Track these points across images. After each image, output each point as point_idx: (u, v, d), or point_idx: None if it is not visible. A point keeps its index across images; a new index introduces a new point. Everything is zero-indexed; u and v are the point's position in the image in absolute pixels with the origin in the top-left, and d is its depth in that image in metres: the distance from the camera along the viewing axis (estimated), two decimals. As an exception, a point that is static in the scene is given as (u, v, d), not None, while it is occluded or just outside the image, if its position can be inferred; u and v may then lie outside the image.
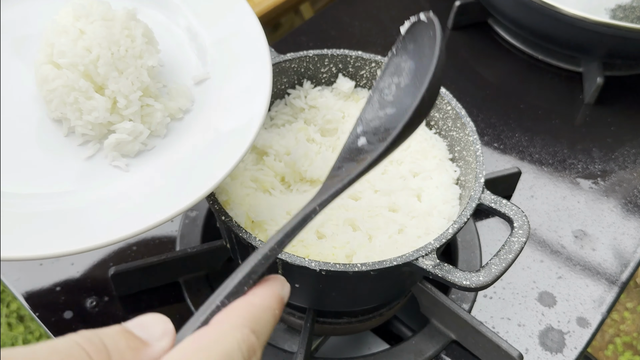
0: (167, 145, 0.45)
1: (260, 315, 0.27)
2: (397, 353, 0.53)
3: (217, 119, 0.46)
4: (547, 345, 0.55)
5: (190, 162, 0.43)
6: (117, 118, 0.44)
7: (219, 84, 0.48)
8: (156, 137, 0.45)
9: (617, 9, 0.73)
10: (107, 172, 0.43)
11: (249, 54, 0.49)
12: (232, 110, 0.46)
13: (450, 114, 0.54)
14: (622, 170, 0.71)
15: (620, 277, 0.61)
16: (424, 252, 0.43)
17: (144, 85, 0.45)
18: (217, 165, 0.42)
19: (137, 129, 0.44)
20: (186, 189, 0.41)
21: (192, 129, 0.46)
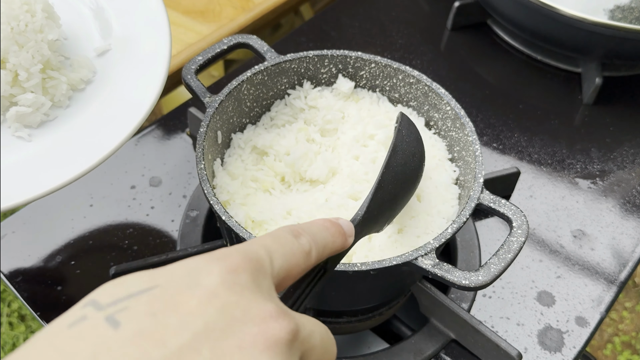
0: (70, 115, 0.47)
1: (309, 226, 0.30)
2: (397, 352, 0.53)
3: (118, 88, 0.48)
4: (546, 344, 0.56)
5: (91, 130, 0.46)
6: (19, 90, 0.46)
7: (121, 55, 0.51)
8: (58, 108, 0.48)
9: (616, 10, 0.73)
10: (10, 142, 0.45)
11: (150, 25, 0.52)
12: (132, 80, 0.49)
13: (450, 114, 0.54)
14: (620, 170, 0.71)
15: (618, 277, 0.61)
16: (423, 252, 0.43)
17: (45, 58, 0.47)
18: (115, 132, 0.45)
19: (39, 101, 0.46)
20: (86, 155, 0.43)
21: (94, 99, 0.48)
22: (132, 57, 0.50)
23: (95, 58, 0.51)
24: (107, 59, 0.51)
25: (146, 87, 0.47)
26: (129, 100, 0.47)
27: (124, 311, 0.21)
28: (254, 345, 0.21)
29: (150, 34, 0.51)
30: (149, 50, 0.50)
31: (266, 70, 0.56)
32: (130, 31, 0.52)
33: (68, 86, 0.48)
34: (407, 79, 0.57)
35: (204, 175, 0.47)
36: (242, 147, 0.55)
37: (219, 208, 0.45)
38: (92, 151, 0.43)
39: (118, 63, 0.50)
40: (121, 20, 0.52)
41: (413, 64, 0.81)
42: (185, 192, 0.65)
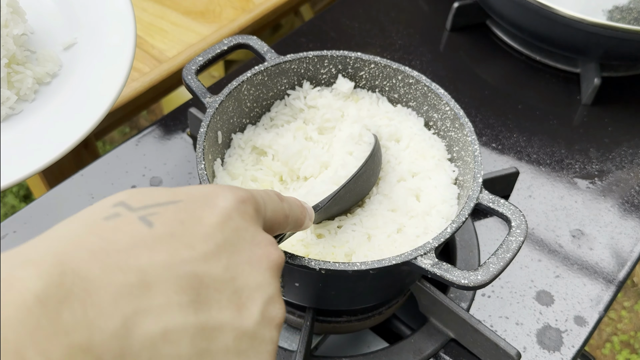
0: (35, 109, 0.48)
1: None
2: (396, 351, 0.54)
3: (83, 81, 0.49)
4: (545, 343, 0.56)
5: (55, 123, 0.46)
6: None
7: (86, 48, 0.52)
8: (24, 102, 0.48)
9: (614, 10, 0.73)
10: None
11: (114, 18, 0.52)
12: (98, 71, 0.49)
13: (449, 114, 0.54)
14: (619, 170, 0.71)
15: (617, 276, 0.61)
16: (422, 251, 0.43)
17: (10, 52, 0.47)
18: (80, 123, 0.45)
19: (4, 95, 0.47)
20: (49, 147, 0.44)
21: (60, 91, 0.49)
22: (98, 51, 0.51)
23: (61, 52, 0.51)
24: (72, 52, 0.51)
25: (110, 80, 0.48)
26: (94, 92, 0.47)
27: (155, 215, 0.24)
28: (260, 262, 0.27)
29: (116, 27, 0.51)
30: (114, 44, 0.51)
31: (266, 70, 0.56)
32: (96, 25, 0.52)
33: (34, 80, 0.48)
34: (406, 79, 0.57)
35: (205, 175, 0.47)
36: (242, 147, 0.55)
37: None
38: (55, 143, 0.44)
39: (84, 56, 0.51)
40: (87, 14, 0.53)
41: (412, 65, 0.81)
42: (185, 192, 0.65)
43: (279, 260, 0.28)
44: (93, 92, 0.47)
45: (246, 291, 0.25)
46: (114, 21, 0.52)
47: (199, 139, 0.49)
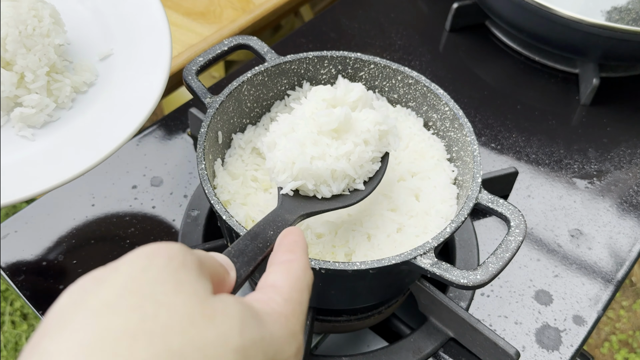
0: (72, 116, 0.49)
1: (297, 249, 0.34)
2: (396, 350, 0.54)
3: (120, 91, 0.50)
4: (544, 342, 0.56)
5: (92, 131, 0.47)
6: (24, 92, 0.48)
7: (122, 58, 0.52)
8: (62, 109, 0.49)
9: (613, 11, 0.74)
10: (14, 141, 0.47)
11: (150, 30, 0.53)
12: (134, 83, 0.50)
13: (448, 114, 0.55)
14: (617, 170, 0.72)
15: (615, 276, 0.62)
16: (422, 251, 0.43)
17: (51, 61, 0.48)
18: (115, 133, 0.46)
19: (43, 102, 0.48)
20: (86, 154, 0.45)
21: (96, 101, 0.50)
22: (134, 61, 0.51)
23: (98, 62, 0.52)
24: (109, 63, 0.52)
25: (147, 90, 0.49)
26: (130, 102, 0.48)
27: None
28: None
29: (151, 38, 0.52)
30: (150, 55, 0.51)
31: (266, 71, 0.56)
32: (131, 36, 0.53)
33: (71, 88, 0.49)
34: (406, 79, 0.57)
35: (205, 175, 0.47)
36: (243, 147, 0.55)
37: (220, 208, 0.45)
38: (92, 151, 0.45)
39: (120, 67, 0.52)
40: (123, 25, 0.54)
41: (412, 65, 0.82)
42: (186, 192, 0.65)
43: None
44: (129, 103, 0.48)
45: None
46: (150, 32, 0.53)
47: (200, 139, 0.49)
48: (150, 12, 0.54)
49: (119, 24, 0.54)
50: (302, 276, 0.31)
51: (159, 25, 0.53)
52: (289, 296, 0.29)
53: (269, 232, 0.39)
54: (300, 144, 0.45)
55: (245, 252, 0.35)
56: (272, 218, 0.41)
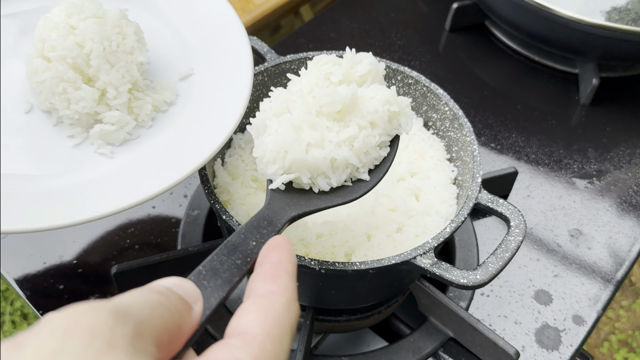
0: (152, 135, 0.48)
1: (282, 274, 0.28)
2: (396, 350, 0.54)
3: (199, 111, 0.49)
4: (544, 342, 0.56)
5: (171, 151, 0.46)
6: (104, 108, 0.47)
7: (202, 78, 0.52)
8: (142, 128, 0.49)
9: (612, 11, 0.74)
10: (93, 158, 0.46)
11: (231, 50, 0.52)
12: (214, 103, 0.49)
13: (448, 114, 0.55)
14: (617, 170, 0.72)
15: (615, 276, 0.62)
16: (422, 251, 0.44)
17: (134, 79, 0.48)
18: (195, 153, 0.45)
19: (124, 120, 0.47)
20: (165, 174, 0.44)
21: (176, 120, 0.49)
22: (214, 81, 0.51)
23: (178, 82, 0.52)
24: (189, 82, 0.52)
25: (226, 112, 0.48)
26: (210, 124, 0.47)
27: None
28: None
29: (232, 58, 0.52)
30: (231, 75, 0.51)
31: (266, 71, 0.56)
32: (212, 56, 0.53)
33: (152, 107, 0.49)
34: (405, 79, 0.57)
35: (205, 175, 0.48)
36: (243, 147, 0.55)
37: (220, 208, 0.46)
38: (170, 170, 0.44)
39: (200, 86, 0.51)
40: (203, 45, 0.54)
41: (412, 65, 0.82)
42: (186, 192, 0.65)
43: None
44: (209, 124, 0.47)
45: None
46: (231, 52, 0.52)
47: (200, 139, 0.49)
48: (231, 32, 0.53)
49: (200, 43, 0.54)
50: (283, 317, 0.26)
51: (239, 47, 0.52)
52: (261, 351, 0.24)
53: (250, 243, 0.32)
54: (295, 128, 0.39)
55: (219, 272, 0.30)
56: (255, 223, 0.34)
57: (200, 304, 0.27)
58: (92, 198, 0.42)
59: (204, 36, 0.54)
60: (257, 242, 0.33)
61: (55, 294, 0.57)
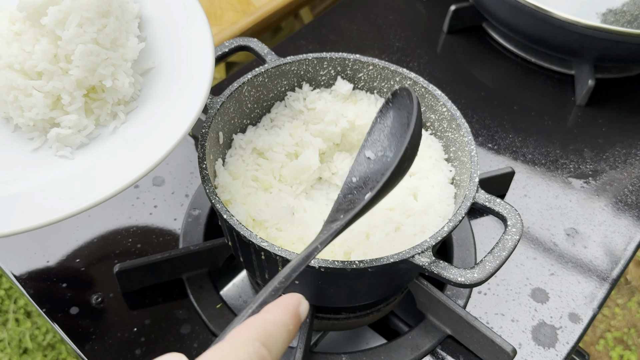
0: (113, 132, 0.47)
1: (272, 330, 0.29)
2: (394, 348, 0.54)
3: (161, 106, 0.48)
4: (540, 340, 0.57)
5: (132, 148, 0.46)
6: (60, 113, 0.46)
7: (164, 73, 0.50)
8: (102, 127, 0.48)
9: (608, 13, 0.74)
10: (53, 161, 0.45)
11: (193, 43, 0.51)
12: (175, 97, 0.48)
13: (446, 115, 0.55)
14: (612, 170, 0.73)
15: (611, 274, 0.62)
16: (420, 250, 0.44)
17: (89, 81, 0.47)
18: (156, 149, 0.44)
19: (82, 123, 0.46)
20: (127, 171, 0.43)
21: (137, 117, 0.48)
22: (175, 76, 0.50)
23: (139, 76, 0.50)
24: (150, 77, 0.51)
25: (186, 106, 0.47)
26: (170, 118, 0.47)
27: None
28: None
29: (194, 52, 0.50)
30: (192, 67, 0.49)
31: (266, 72, 0.57)
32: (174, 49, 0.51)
33: (112, 105, 0.48)
34: (404, 81, 0.58)
35: (206, 175, 0.48)
36: (244, 147, 0.56)
37: (221, 207, 0.46)
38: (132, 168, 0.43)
39: (161, 81, 0.50)
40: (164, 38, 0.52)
41: (410, 67, 0.82)
42: (187, 192, 0.66)
43: None
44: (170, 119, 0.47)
45: None
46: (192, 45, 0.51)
47: (201, 139, 0.50)
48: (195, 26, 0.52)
49: (161, 35, 0.52)
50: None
51: (202, 40, 0.51)
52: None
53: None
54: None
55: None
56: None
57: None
58: (52, 200, 0.42)
59: (165, 28, 0.53)
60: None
61: (58, 292, 0.57)
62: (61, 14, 0.45)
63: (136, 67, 0.50)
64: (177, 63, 0.50)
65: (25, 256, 0.60)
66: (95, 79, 0.47)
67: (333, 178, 0.56)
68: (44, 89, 0.46)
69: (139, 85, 0.50)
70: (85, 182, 0.43)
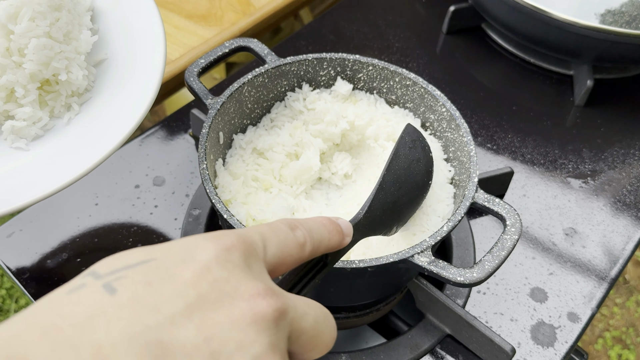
0: (66, 124, 0.48)
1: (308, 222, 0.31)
2: (394, 347, 0.54)
3: (115, 97, 0.49)
4: (539, 339, 0.57)
5: (86, 139, 0.46)
6: (14, 106, 0.47)
7: (116, 63, 0.51)
8: (57, 119, 0.49)
9: (607, 14, 0.75)
10: (8, 153, 0.46)
11: (146, 34, 0.52)
12: (128, 88, 0.49)
13: (445, 115, 0.55)
14: (611, 170, 0.73)
15: (609, 274, 0.63)
16: (419, 249, 0.44)
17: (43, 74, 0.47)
18: (110, 139, 0.45)
19: (36, 115, 0.47)
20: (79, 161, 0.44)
21: (91, 108, 0.49)
22: (128, 66, 0.50)
23: (92, 68, 0.51)
24: (103, 68, 0.51)
25: (138, 98, 0.48)
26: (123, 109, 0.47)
27: (121, 279, 0.22)
28: (241, 318, 0.22)
29: (146, 42, 0.51)
30: (145, 59, 0.50)
31: (266, 72, 0.57)
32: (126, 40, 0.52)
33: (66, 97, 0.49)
34: (403, 81, 0.58)
35: (206, 175, 0.48)
36: (244, 147, 0.56)
37: (221, 207, 0.46)
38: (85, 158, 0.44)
39: (114, 72, 0.51)
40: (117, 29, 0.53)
41: (409, 67, 0.83)
42: (188, 192, 0.66)
43: (268, 312, 0.23)
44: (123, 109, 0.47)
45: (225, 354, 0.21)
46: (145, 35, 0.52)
47: (201, 140, 0.50)
48: (146, 15, 0.53)
49: (113, 27, 0.53)
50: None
51: (154, 31, 0.52)
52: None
53: None
54: None
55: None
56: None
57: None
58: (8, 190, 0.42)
59: (117, 20, 0.53)
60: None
61: (59, 292, 0.58)
62: (12, 9, 0.45)
63: (89, 59, 0.51)
64: (130, 54, 0.51)
65: (26, 255, 0.60)
66: (49, 72, 0.47)
67: (333, 178, 0.56)
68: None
69: (92, 77, 0.50)
70: (41, 172, 0.44)
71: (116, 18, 0.54)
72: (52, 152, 0.46)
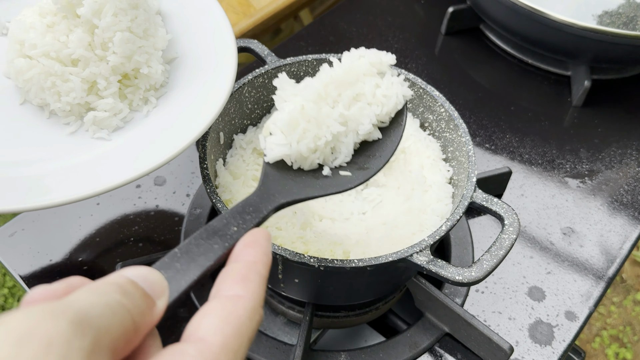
0: (145, 117, 0.50)
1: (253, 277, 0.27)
2: (393, 345, 0.55)
3: (188, 91, 0.51)
4: (537, 338, 0.57)
5: (167, 129, 0.48)
6: (95, 98, 0.49)
7: (188, 62, 0.53)
8: (135, 112, 0.50)
9: (604, 15, 0.75)
10: (91, 143, 0.48)
11: (214, 34, 0.54)
12: (203, 82, 0.51)
13: (444, 116, 0.56)
14: (608, 170, 0.73)
15: (606, 273, 0.63)
16: (418, 249, 0.44)
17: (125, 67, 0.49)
18: (189, 129, 0.47)
19: (117, 107, 0.49)
20: (163, 149, 0.46)
21: (168, 101, 0.51)
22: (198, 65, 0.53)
23: (167, 65, 0.53)
24: (174, 66, 0.53)
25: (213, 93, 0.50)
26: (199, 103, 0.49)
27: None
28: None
29: (215, 41, 0.54)
30: (215, 57, 0.52)
31: (267, 73, 0.57)
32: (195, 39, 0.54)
33: (144, 91, 0.51)
34: (402, 82, 0.58)
35: (207, 174, 0.48)
36: (244, 147, 0.56)
37: (222, 206, 0.46)
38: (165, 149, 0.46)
39: (185, 70, 0.53)
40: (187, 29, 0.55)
41: (408, 68, 0.83)
42: (188, 191, 0.66)
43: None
44: (197, 106, 0.49)
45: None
46: (213, 35, 0.54)
47: (202, 140, 0.50)
48: (215, 19, 0.55)
49: (183, 27, 0.55)
50: (245, 326, 0.25)
51: (223, 31, 0.54)
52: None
53: (231, 228, 0.31)
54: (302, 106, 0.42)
55: (194, 254, 0.28)
56: (240, 208, 0.33)
57: (164, 299, 0.26)
58: (89, 177, 0.44)
59: (184, 21, 0.56)
60: (238, 227, 0.31)
61: (61, 291, 0.58)
62: (97, 5, 0.47)
63: (163, 56, 0.53)
64: (200, 52, 0.53)
65: (28, 255, 0.60)
66: (131, 65, 0.49)
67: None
68: (80, 75, 0.48)
69: (167, 73, 0.52)
70: (125, 159, 0.45)
71: (183, 20, 0.56)
72: (133, 142, 0.48)
